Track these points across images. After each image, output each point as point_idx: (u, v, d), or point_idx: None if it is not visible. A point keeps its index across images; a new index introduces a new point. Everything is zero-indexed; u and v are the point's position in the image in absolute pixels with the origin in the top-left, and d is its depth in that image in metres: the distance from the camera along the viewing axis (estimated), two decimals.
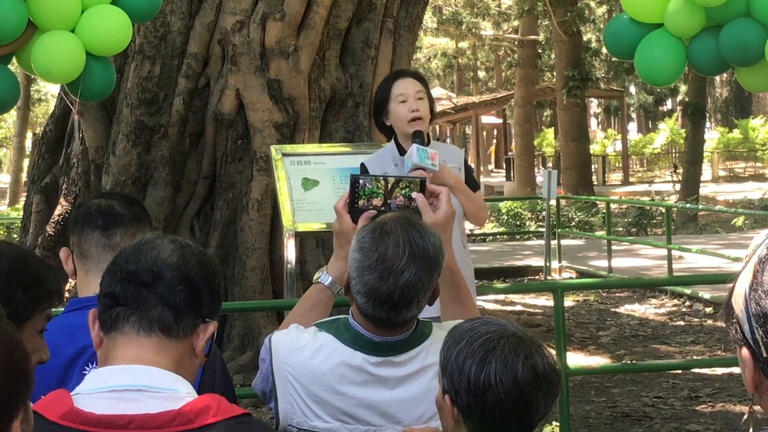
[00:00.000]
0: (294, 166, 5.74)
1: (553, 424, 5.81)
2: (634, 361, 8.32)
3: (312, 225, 5.59)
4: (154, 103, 7.68)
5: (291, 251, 5.52)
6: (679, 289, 11.26)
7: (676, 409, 6.82)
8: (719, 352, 8.46)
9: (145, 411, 1.64)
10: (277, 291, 7.43)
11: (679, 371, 7.72)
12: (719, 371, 7.62)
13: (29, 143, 27.68)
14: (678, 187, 22.82)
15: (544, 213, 14.61)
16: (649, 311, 10.84)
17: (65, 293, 6.42)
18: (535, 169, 30.60)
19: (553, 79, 29.36)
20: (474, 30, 29.13)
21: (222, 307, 1.87)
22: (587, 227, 18.49)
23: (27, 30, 4.46)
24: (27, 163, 24.85)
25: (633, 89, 44.07)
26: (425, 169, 3.51)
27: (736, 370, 6.82)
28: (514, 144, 34.18)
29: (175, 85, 7.71)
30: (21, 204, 16.96)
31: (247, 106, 7.64)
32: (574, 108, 24.14)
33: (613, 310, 10.96)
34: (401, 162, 4.12)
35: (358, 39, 8.03)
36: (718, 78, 44.25)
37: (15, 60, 4.74)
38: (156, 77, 7.68)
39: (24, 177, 23.51)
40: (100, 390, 1.67)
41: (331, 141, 7.72)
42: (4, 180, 36.35)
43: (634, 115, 51.66)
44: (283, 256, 5.68)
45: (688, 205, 17.62)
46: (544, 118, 46.07)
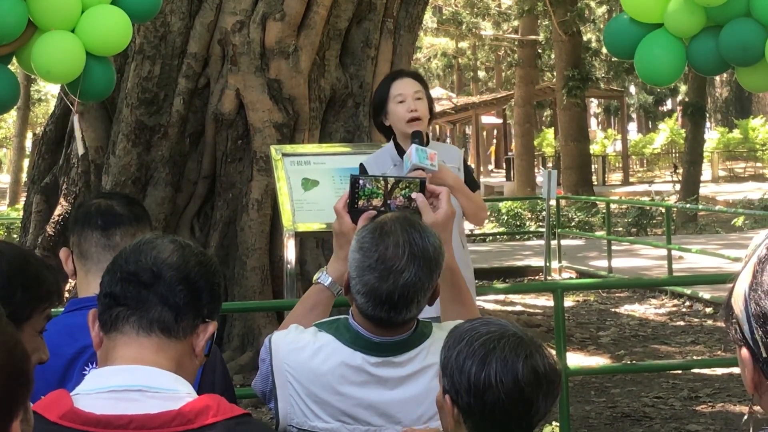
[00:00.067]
0: (294, 166, 5.74)
1: (553, 424, 5.81)
2: (634, 362, 8.32)
3: (312, 225, 5.59)
4: (154, 103, 7.68)
5: (291, 251, 5.52)
6: (679, 289, 11.25)
7: (676, 409, 6.82)
8: (719, 352, 8.46)
9: (145, 411, 1.64)
10: (277, 291, 7.43)
11: (679, 371, 7.73)
12: (719, 371, 7.62)
13: (29, 143, 27.66)
14: (678, 187, 22.81)
15: (544, 213, 14.61)
16: (649, 311, 10.84)
17: (65, 293, 6.42)
18: (535, 169, 30.60)
19: (553, 79, 29.36)
20: (474, 30, 29.14)
21: (222, 307, 1.87)
22: (587, 227, 18.49)
23: (27, 30, 4.46)
24: (27, 163, 24.84)
25: (633, 89, 44.05)
26: (424, 170, 3.50)
27: (736, 370, 6.81)
28: (514, 144, 34.16)
29: (175, 85, 7.71)
30: (21, 204, 16.94)
31: (247, 106, 7.64)
32: (574, 108, 24.14)
33: (613, 310, 10.96)
34: (400, 162, 4.11)
35: (358, 39, 8.03)
36: (718, 78, 44.23)
37: (15, 60, 4.74)
38: (156, 77, 7.68)
39: (24, 177, 23.50)
40: (99, 390, 1.67)
41: (331, 141, 7.72)
42: (4, 180, 36.34)
43: (634, 115, 51.64)
44: (283, 256, 5.68)
45: (688, 205, 17.62)
46: (544, 118, 46.07)
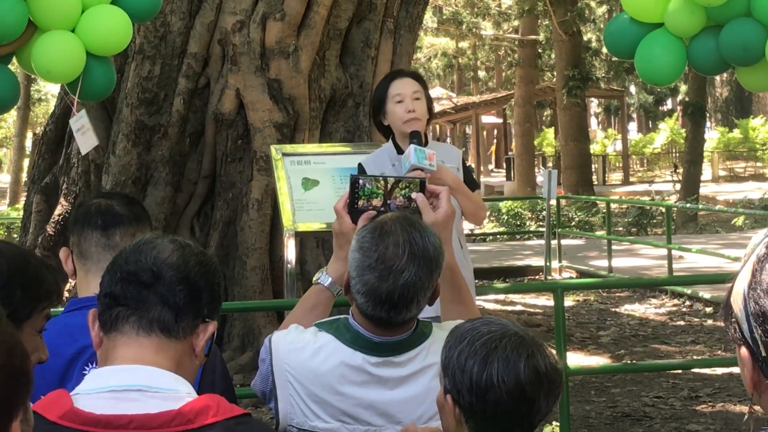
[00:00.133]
0: (294, 165, 5.74)
1: (553, 424, 5.81)
2: (634, 361, 8.32)
3: (312, 225, 5.59)
4: (154, 103, 7.68)
5: (291, 251, 5.52)
6: (679, 289, 11.25)
7: (676, 409, 6.82)
8: (719, 352, 8.46)
9: (145, 411, 1.64)
10: (277, 291, 7.43)
11: (679, 371, 7.72)
12: (719, 371, 7.62)
13: (29, 143, 27.64)
14: (678, 187, 22.82)
15: (544, 213, 14.61)
16: (649, 311, 10.84)
17: (65, 293, 6.42)
18: (535, 169, 30.59)
19: (554, 79, 29.36)
20: (474, 30, 29.14)
21: (222, 307, 1.87)
22: (587, 227, 18.49)
23: (27, 30, 4.46)
24: (27, 163, 24.83)
25: (633, 89, 44.03)
26: (423, 170, 3.49)
27: (736, 370, 6.81)
28: (514, 144, 34.16)
29: (175, 85, 7.71)
30: (21, 204, 16.95)
31: (247, 106, 7.64)
32: (574, 108, 24.14)
33: (613, 310, 10.96)
34: (399, 162, 4.11)
35: (358, 39, 8.03)
36: (718, 78, 44.24)
37: (15, 60, 4.74)
38: (156, 77, 7.68)
39: (24, 177, 23.49)
40: (99, 390, 1.67)
41: (331, 141, 7.71)
42: (4, 180, 36.33)
43: (634, 115, 51.64)
44: (283, 256, 5.68)
45: (688, 205, 17.62)
46: (544, 117, 46.05)
